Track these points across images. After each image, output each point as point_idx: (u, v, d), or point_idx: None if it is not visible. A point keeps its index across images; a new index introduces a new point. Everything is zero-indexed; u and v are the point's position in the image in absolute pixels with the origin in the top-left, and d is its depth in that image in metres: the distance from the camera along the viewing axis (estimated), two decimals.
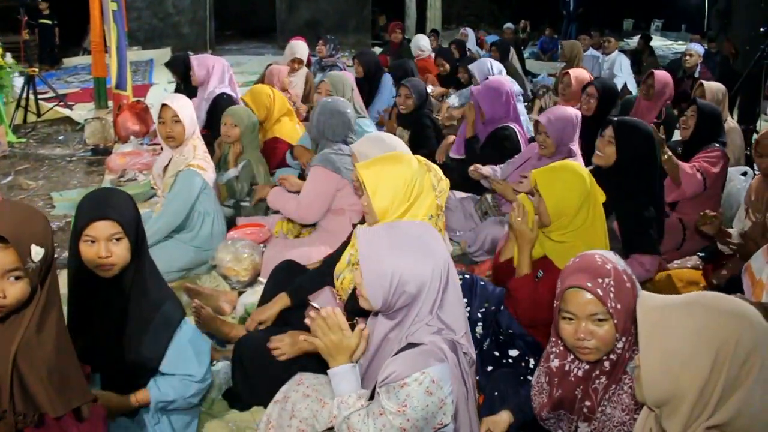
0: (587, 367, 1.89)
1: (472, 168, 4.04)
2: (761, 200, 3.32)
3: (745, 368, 1.26)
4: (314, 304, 2.56)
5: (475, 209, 4.11)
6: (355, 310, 2.48)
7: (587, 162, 3.61)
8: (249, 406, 2.58)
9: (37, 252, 1.55)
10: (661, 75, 5.48)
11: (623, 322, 1.76)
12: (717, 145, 3.87)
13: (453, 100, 6.46)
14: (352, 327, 1.93)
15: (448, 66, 7.09)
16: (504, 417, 2.13)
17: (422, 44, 8.37)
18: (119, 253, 2.06)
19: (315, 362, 2.17)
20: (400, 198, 2.40)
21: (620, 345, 1.81)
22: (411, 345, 1.82)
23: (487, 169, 4.00)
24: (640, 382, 1.38)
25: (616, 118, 3.37)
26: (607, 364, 1.85)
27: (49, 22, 10.26)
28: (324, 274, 2.82)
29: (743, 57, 5.54)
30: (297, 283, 2.82)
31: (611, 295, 1.74)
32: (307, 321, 1.96)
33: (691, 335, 1.30)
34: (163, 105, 3.53)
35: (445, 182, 2.60)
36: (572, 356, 1.91)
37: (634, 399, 1.79)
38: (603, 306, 1.74)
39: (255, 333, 2.67)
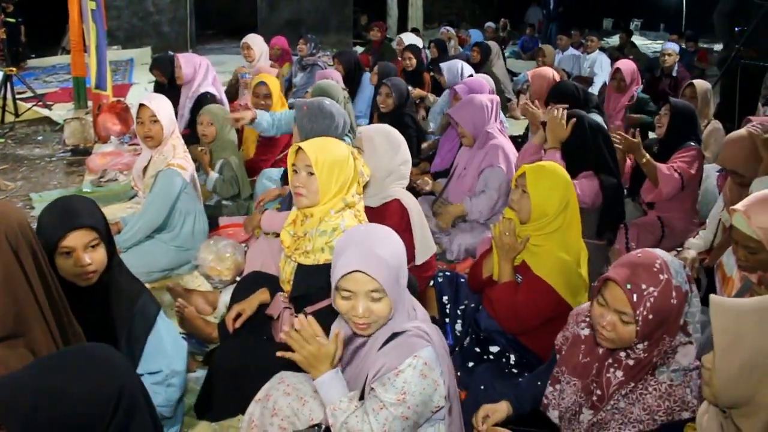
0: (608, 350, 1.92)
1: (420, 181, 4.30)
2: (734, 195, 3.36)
3: None
4: (272, 314, 2.61)
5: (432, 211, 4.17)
6: (301, 300, 2.54)
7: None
8: (220, 417, 2.56)
9: None
10: (627, 67, 5.79)
11: (649, 330, 1.75)
12: (692, 143, 3.92)
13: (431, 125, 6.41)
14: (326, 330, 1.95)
15: (415, 61, 7.07)
16: (503, 406, 2.15)
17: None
18: (98, 259, 2.07)
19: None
20: (342, 182, 2.45)
21: (640, 347, 1.81)
22: (395, 335, 1.84)
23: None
24: (712, 385, 1.38)
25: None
26: (628, 361, 1.86)
27: (14, 20, 10.11)
28: None
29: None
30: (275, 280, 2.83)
31: (647, 304, 1.72)
32: (282, 336, 1.96)
33: None
34: (141, 105, 3.52)
35: (368, 169, 2.69)
36: None
37: (658, 402, 1.79)
38: (632, 310, 1.74)
39: (230, 344, 2.66)
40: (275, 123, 3.99)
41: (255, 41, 6.58)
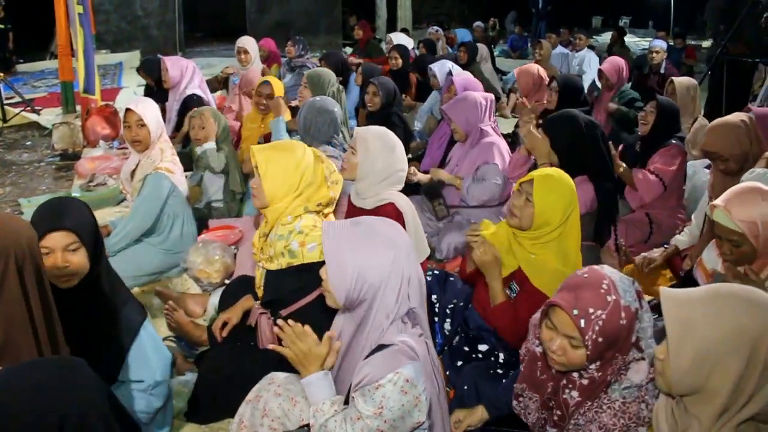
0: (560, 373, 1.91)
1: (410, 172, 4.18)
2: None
3: None
4: (251, 323, 2.62)
5: (432, 212, 4.15)
6: (275, 305, 2.55)
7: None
8: (210, 420, 2.56)
9: None
10: (609, 67, 5.77)
11: (599, 353, 1.73)
12: (674, 141, 3.93)
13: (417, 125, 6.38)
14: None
15: (401, 61, 7.08)
16: (477, 411, 2.16)
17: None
18: (77, 261, 2.06)
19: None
20: (290, 185, 2.46)
21: (593, 368, 1.80)
22: (381, 347, 1.83)
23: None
24: (666, 375, 1.39)
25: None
26: (582, 381, 1.85)
27: (3, 26, 10.07)
28: None
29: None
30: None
31: (595, 327, 1.69)
32: (275, 331, 1.97)
33: (726, 335, 1.32)
34: (128, 109, 3.52)
35: (338, 175, 2.65)
36: None
37: (613, 419, 1.79)
38: (581, 336, 1.71)
39: (218, 348, 2.68)
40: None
41: (250, 44, 6.60)
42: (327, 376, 1.89)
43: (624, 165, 3.83)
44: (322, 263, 2.02)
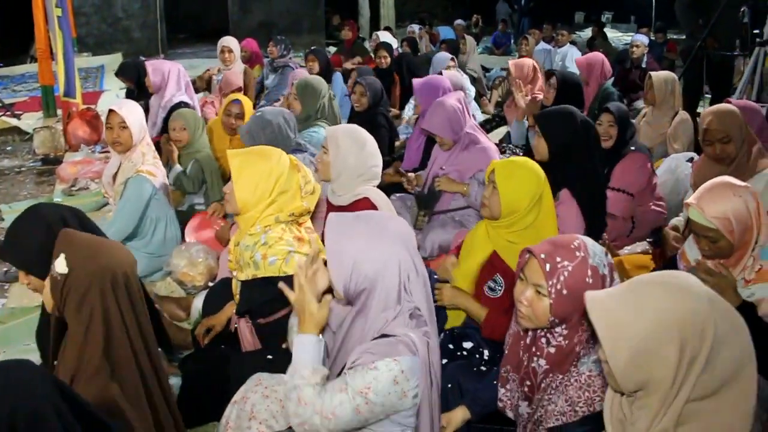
0: (529, 337, 1.95)
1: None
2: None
3: (705, 335, 1.31)
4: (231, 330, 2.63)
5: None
6: (253, 313, 2.55)
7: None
8: (195, 424, 2.54)
9: (59, 264, 1.65)
10: (581, 62, 5.86)
11: (563, 309, 1.77)
12: (632, 148, 3.89)
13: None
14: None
15: (389, 59, 7.09)
16: (458, 413, 2.15)
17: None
18: (36, 285, 2.01)
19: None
20: (261, 192, 2.44)
21: (558, 332, 1.84)
22: (383, 336, 1.82)
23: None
24: (612, 377, 1.40)
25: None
26: (549, 349, 1.87)
27: None
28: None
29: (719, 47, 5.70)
30: None
31: (561, 277, 1.74)
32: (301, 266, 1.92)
33: (654, 327, 1.33)
34: (110, 111, 3.51)
35: (313, 185, 2.61)
36: None
37: (578, 392, 1.81)
38: (545, 281, 1.76)
39: (202, 352, 2.69)
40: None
41: (234, 44, 6.62)
42: (320, 343, 1.85)
43: None
44: (288, 278, 2.02)
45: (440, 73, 5.55)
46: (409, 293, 1.85)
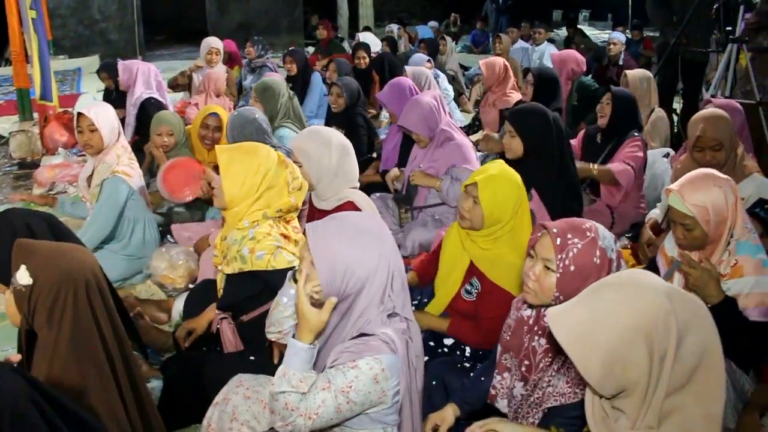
0: (532, 317, 1.99)
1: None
2: None
3: (669, 330, 1.33)
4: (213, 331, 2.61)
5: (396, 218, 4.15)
6: (237, 309, 2.55)
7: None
8: (178, 427, 2.53)
9: (21, 276, 1.60)
10: (555, 58, 6.05)
11: (567, 283, 1.81)
12: (635, 133, 4.00)
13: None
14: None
15: (368, 60, 7.10)
16: (449, 411, 2.16)
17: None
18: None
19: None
20: (249, 187, 2.45)
21: None
22: (363, 335, 1.82)
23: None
24: (591, 386, 1.42)
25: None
26: None
27: None
28: None
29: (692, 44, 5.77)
30: None
31: (570, 253, 1.80)
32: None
33: (619, 333, 1.35)
34: (79, 114, 3.48)
35: (300, 182, 2.60)
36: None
37: (572, 388, 1.84)
38: (554, 255, 1.82)
39: (183, 354, 2.68)
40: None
41: (220, 45, 6.65)
42: (311, 351, 1.83)
43: (596, 167, 3.87)
44: (276, 272, 2.01)
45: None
46: (392, 293, 1.86)
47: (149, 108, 5.08)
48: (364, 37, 8.61)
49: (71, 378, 1.67)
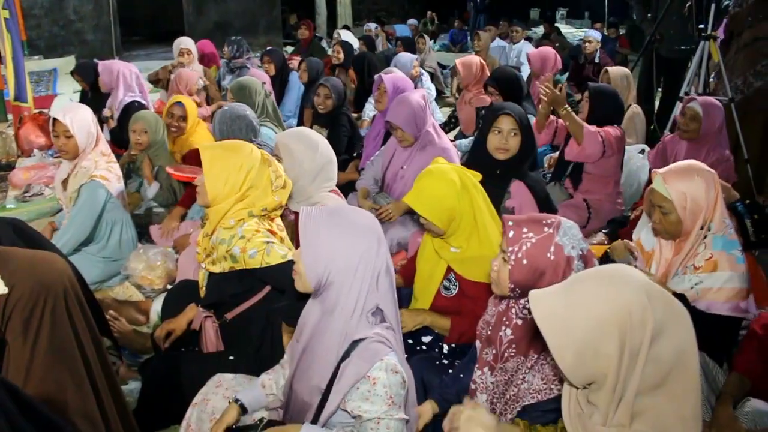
0: (503, 306, 2.02)
1: None
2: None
3: (644, 327, 1.35)
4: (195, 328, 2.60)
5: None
6: (220, 307, 2.55)
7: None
8: (157, 428, 2.53)
9: None
10: (533, 56, 6.23)
11: (519, 275, 1.84)
12: (617, 126, 4.04)
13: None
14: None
15: (343, 55, 7.10)
16: (427, 407, 2.18)
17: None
18: None
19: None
20: (232, 185, 2.45)
21: (522, 303, 1.92)
22: (355, 343, 1.83)
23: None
24: (564, 374, 1.44)
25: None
26: (517, 321, 1.95)
27: None
28: None
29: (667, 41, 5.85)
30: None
31: (523, 247, 1.83)
32: None
33: (592, 324, 1.37)
34: (54, 119, 3.44)
35: (284, 180, 2.60)
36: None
37: (554, 371, 1.86)
38: (507, 246, 1.86)
39: (162, 355, 2.66)
40: None
41: (192, 45, 6.63)
42: (309, 427, 1.86)
43: (569, 108, 3.86)
44: (271, 268, 2.02)
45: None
46: (378, 290, 1.86)
47: (132, 111, 5.03)
48: (344, 35, 8.60)
49: (48, 388, 1.63)
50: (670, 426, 1.40)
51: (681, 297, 2.33)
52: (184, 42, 6.65)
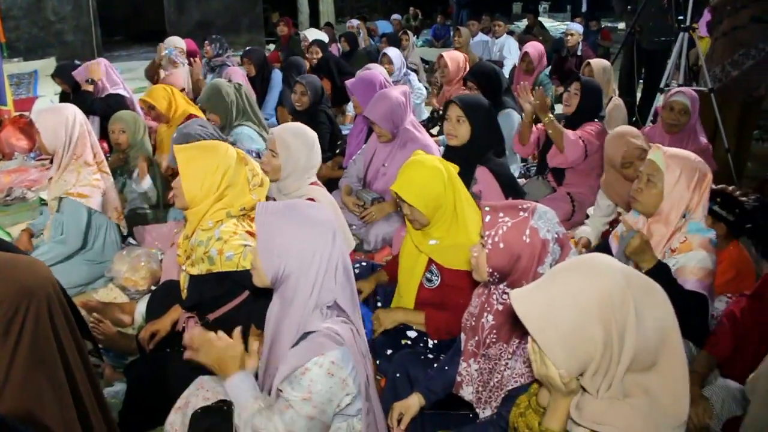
0: (485, 294, 2.04)
1: None
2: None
3: (626, 308, 1.37)
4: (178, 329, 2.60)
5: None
6: (204, 308, 2.55)
7: None
8: (143, 430, 2.52)
9: None
10: (534, 50, 6.18)
11: (496, 259, 1.87)
12: (597, 120, 4.08)
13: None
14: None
15: (320, 55, 7.11)
16: (414, 400, 2.18)
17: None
18: None
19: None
20: (209, 186, 2.45)
21: (502, 288, 1.95)
22: (305, 335, 1.84)
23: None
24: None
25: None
26: (498, 306, 1.98)
27: None
28: None
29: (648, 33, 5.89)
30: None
31: (499, 231, 1.86)
32: (186, 340, 1.99)
33: (575, 314, 1.38)
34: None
35: (261, 178, 2.61)
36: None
37: (526, 367, 1.88)
38: (483, 230, 1.88)
39: (147, 356, 2.67)
40: None
41: (182, 45, 6.62)
42: (248, 375, 1.89)
43: (552, 117, 3.94)
44: (247, 272, 2.01)
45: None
46: (335, 284, 1.88)
47: (114, 104, 5.06)
48: (311, 33, 8.53)
49: (27, 394, 1.61)
50: (664, 401, 1.42)
51: (664, 266, 2.38)
52: (175, 42, 6.64)
